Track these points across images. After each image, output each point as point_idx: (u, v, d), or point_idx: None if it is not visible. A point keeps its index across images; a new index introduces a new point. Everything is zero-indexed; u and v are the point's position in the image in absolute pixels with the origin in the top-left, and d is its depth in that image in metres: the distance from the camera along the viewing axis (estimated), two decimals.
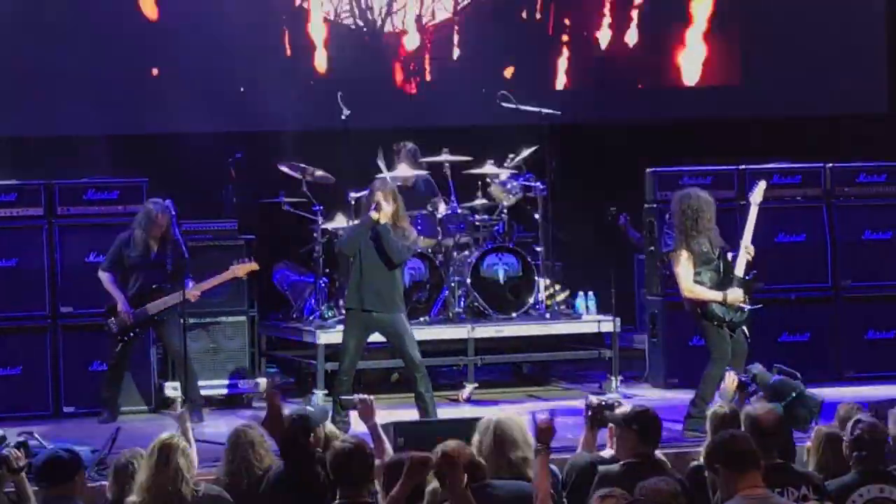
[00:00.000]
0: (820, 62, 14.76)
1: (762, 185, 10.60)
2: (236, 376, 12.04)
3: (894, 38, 15.06)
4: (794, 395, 8.97)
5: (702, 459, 7.12)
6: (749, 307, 10.28)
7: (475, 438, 7.10)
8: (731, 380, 8.94)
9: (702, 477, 6.97)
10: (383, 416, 8.00)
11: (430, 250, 12.33)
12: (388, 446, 7.58)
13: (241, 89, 13.75)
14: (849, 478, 6.87)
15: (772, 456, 6.85)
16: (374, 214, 10.27)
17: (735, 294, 10.23)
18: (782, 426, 7.28)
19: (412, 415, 10.56)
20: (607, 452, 7.65)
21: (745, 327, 10.35)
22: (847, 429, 7.01)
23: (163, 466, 6.91)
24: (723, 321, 10.25)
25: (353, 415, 8.23)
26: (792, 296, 12.57)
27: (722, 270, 10.30)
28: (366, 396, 7.82)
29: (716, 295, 10.23)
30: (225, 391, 12.01)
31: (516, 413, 7.42)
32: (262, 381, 11.93)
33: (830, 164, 12.82)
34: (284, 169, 12.52)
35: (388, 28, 14.52)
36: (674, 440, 9.57)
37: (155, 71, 13.67)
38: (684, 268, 10.25)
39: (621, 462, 7.22)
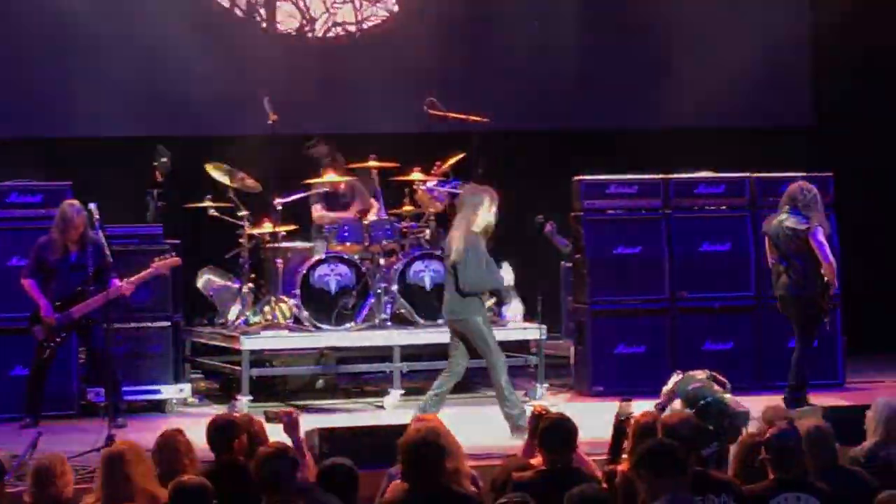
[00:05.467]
0: (745, 76, 14.88)
1: None
2: (160, 382, 11.96)
3: (819, 52, 15.22)
4: (702, 402, 9.02)
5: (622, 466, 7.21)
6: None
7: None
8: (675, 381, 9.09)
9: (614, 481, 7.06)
10: (309, 423, 7.98)
11: (356, 257, 12.32)
12: (310, 461, 7.55)
13: (166, 92, 13.68)
14: (766, 485, 6.92)
15: (689, 463, 6.90)
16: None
17: (835, 287, 11.22)
18: (697, 434, 7.34)
19: (336, 421, 10.54)
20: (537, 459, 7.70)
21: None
22: (770, 434, 7.06)
23: (114, 477, 6.84)
24: (824, 308, 11.10)
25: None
26: (716, 304, 12.67)
27: None
28: (292, 410, 7.79)
29: (836, 280, 11.14)
30: (148, 396, 11.93)
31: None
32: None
33: (754, 175, 12.93)
34: (213, 171, 12.47)
35: (317, 33, 14.50)
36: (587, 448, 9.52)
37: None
38: (825, 241, 11.03)
39: (535, 469, 7.26)
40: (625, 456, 7.48)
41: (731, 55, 14.69)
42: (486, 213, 10.53)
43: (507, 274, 10.68)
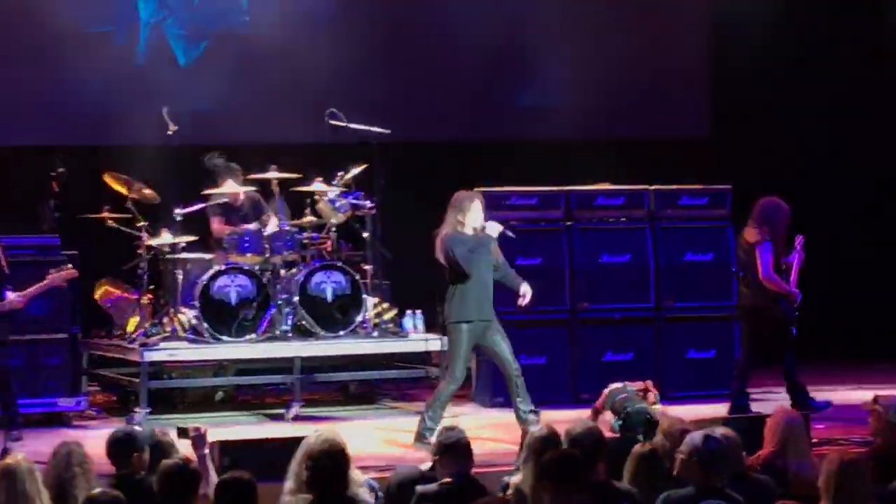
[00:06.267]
0: (643, 86, 15.02)
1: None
2: (57, 394, 11.81)
3: (715, 63, 15.39)
4: (625, 412, 9.11)
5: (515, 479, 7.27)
6: (797, 313, 11.56)
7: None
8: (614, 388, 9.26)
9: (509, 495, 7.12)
10: (209, 435, 7.93)
11: (257, 268, 12.26)
12: (213, 477, 7.50)
13: (64, 102, 13.54)
14: (687, 492, 6.96)
15: (592, 474, 6.94)
16: (494, 234, 10.56)
17: (795, 295, 11.48)
18: (601, 443, 7.39)
19: (236, 434, 10.47)
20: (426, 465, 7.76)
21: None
22: (693, 442, 7.10)
23: (8, 491, 6.74)
24: (784, 317, 11.42)
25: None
26: (616, 315, 12.75)
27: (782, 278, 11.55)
28: (200, 426, 7.77)
29: (787, 288, 11.41)
30: (45, 409, 11.77)
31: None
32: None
33: (654, 187, 13.04)
34: (111, 182, 12.35)
35: (215, 42, 14.40)
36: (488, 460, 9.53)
37: None
38: (769, 255, 11.35)
39: (438, 482, 7.30)
40: (518, 467, 7.53)
41: (629, 67, 14.83)
42: (469, 216, 10.66)
43: (493, 227, 10.72)
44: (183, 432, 7.82)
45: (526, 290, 10.70)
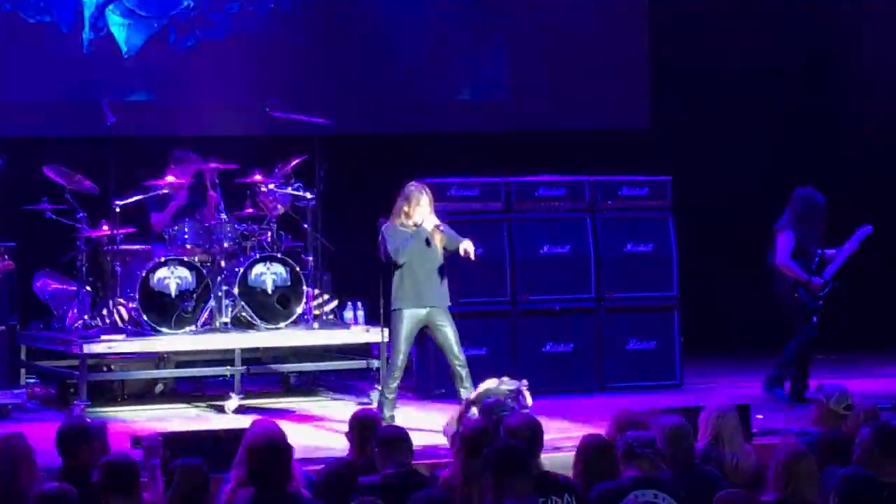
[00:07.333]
0: (584, 78, 15.06)
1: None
2: None
3: (656, 55, 15.45)
4: (504, 414, 9.08)
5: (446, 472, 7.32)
6: (821, 302, 11.77)
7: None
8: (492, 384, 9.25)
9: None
10: (150, 428, 7.91)
11: (196, 259, 12.21)
12: (160, 486, 7.47)
13: (1, 93, 13.44)
14: (619, 483, 7.00)
15: (533, 465, 6.96)
16: (429, 227, 10.71)
17: (815, 284, 11.69)
18: (539, 435, 7.42)
19: (176, 426, 10.43)
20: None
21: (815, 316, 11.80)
22: (629, 433, 7.14)
23: None
24: (802, 304, 11.69)
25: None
26: (556, 307, 12.78)
27: (810, 267, 11.76)
28: (154, 436, 7.75)
29: (803, 276, 11.67)
30: None
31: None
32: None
33: (594, 178, 13.07)
34: (50, 173, 12.26)
35: (157, 32, 14.32)
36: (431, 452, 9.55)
37: None
38: (787, 242, 11.68)
39: (380, 474, 7.32)
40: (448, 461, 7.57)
41: (570, 58, 14.86)
42: (417, 210, 10.78)
43: (429, 220, 10.79)
44: (136, 441, 7.80)
45: (467, 247, 10.84)
